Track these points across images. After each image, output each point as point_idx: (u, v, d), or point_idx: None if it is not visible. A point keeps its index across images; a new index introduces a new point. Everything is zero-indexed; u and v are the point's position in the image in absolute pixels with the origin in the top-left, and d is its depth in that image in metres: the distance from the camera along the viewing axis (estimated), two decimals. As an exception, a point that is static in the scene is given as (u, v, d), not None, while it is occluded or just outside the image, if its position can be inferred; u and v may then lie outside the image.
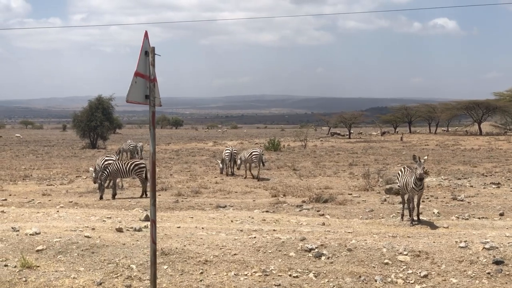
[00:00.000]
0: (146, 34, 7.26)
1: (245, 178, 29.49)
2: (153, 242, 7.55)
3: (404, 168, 15.98)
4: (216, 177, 29.99)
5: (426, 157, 15.39)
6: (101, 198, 22.09)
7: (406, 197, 15.57)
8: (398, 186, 15.95)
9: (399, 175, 15.86)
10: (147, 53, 7.28)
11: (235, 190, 24.07)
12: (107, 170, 22.97)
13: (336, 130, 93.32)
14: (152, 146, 7.50)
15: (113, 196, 22.36)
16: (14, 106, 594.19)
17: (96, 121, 60.29)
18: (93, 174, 27.07)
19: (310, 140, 63.71)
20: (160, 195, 22.91)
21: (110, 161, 26.48)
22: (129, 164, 23.47)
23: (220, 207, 18.99)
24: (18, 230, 12.29)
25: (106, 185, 23.83)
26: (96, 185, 23.77)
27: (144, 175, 23.14)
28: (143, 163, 23.79)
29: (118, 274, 9.89)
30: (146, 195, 22.64)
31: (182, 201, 20.83)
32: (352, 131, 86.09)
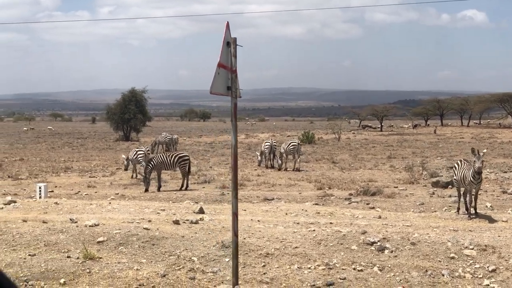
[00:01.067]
0: (227, 25, 7.18)
1: (285, 170, 29.42)
2: (235, 235, 7.49)
3: (460, 161, 15.72)
4: (255, 169, 29.95)
5: (485, 150, 15.15)
6: (146, 190, 22.16)
7: (462, 190, 15.34)
8: (455, 179, 15.69)
9: (455, 168, 15.61)
10: (229, 44, 7.20)
11: (278, 183, 24.01)
12: (152, 162, 23.02)
13: (367, 122, 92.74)
14: (233, 138, 7.44)
15: (159, 189, 22.43)
16: (42, 98, 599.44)
17: (129, 114, 60.43)
18: (125, 162, 27.36)
19: (342, 133, 63.36)
20: (204, 187, 22.97)
21: (141, 153, 26.72)
22: (173, 157, 23.48)
23: (268, 199, 18.93)
24: (77, 222, 12.33)
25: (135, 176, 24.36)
26: (128, 173, 23.94)
27: (187, 167, 23.17)
28: (187, 156, 23.82)
29: (181, 266, 9.84)
30: (187, 187, 22.67)
31: (228, 193, 20.80)
32: (382, 124, 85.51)
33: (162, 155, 24.19)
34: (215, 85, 6.97)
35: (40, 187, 18.69)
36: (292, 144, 29.85)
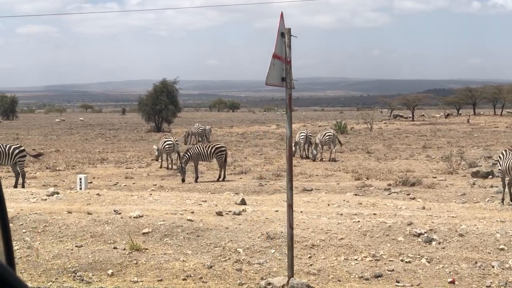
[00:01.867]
0: (281, 16, 7.12)
1: (320, 160, 29.33)
2: (290, 226, 7.45)
3: (505, 151, 15.51)
4: (290, 160, 29.90)
5: None
6: (183, 180, 22.24)
7: (507, 180, 15.13)
8: (499, 170, 15.49)
9: (500, 158, 15.41)
10: (283, 34, 7.14)
11: (315, 173, 23.94)
12: (188, 153, 23.10)
13: (397, 112, 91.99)
14: (288, 129, 7.39)
15: (196, 180, 22.49)
16: (72, 90, 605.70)
17: (161, 105, 60.58)
18: (156, 152, 27.55)
19: (374, 123, 62.93)
20: (241, 178, 22.99)
21: (169, 143, 26.90)
22: (210, 148, 23.52)
23: (307, 190, 18.89)
24: (121, 213, 12.38)
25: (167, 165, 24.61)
26: (158, 163, 24.05)
27: (224, 158, 23.19)
28: (224, 147, 23.85)
29: (226, 258, 9.84)
30: (224, 178, 22.69)
31: (265, 184, 20.80)
32: (414, 114, 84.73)
33: (199, 146, 24.25)
34: (271, 76, 6.92)
35: (80, 178, 18.85)
36: (327, 134, 29.79)
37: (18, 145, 21.62)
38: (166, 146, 27.39)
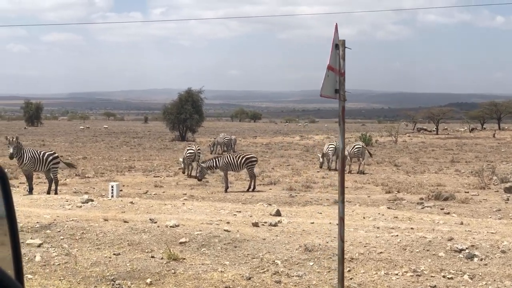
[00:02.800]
0: (336, 27, 7.06)
1: (349, 173, 29.17)
2: (341, 240, 7.36)
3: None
4: (318, 171, 29.79)
5: None
6: (198, 179, 22.49)
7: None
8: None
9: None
10: (338, 46, 7.07)
11: (345, 186, 23.78)
12: (214, 161, 23.30)
13: (422, 125, 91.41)
14: (341, 142, 7.31)
15: (226, 189, 22.45)
16: (96, 98, 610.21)
17: (185, 114, 60.69)
18: (182, 165, 27.67)
19: (398, 136, 62.54)
20: (271, 189, 22.93)
21: (191, 151, 27.13)
22: (240, 157, 23.47)
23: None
24: (157, 222, 12.36)
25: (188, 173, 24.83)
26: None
27: (254, 168, 23.13)
28: (255, 157, 23.80)
29: (265, 269, 9.75)
30: (254, 189, 22.61)
31: (296, 195, 20.70)
32: (438, 127, 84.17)
33: (228, 155, 24.24)
34: (325, 87, 6.85)
35: (112, 186, 18.89)
36: (356, 146, 29.71)
37: (52, 152, 21.72)
38: (188, 154, 28.14)
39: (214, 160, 23.61)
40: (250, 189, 22.61)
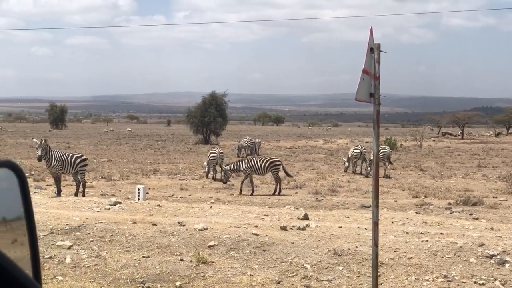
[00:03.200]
0: (371, 31, 7.01)
1: (374, 177, 29.07)
2: (375, 244, 7.30)
3: None
4: (343, 175, 29.70)
5: None
6: (223, 182, 22.95)
7: None
8: None
9: None
10: (373, 50, 7.03)
11: (371, 190, 23.63)
12: (237, 164, 23.40)
13: (447, 130, 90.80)
14: (375, 146, 7.27)
15: (252, 193, 22.47)
16: (119, 100, 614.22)
17: (209, 117, 60.74)
18: (206, 169, 27.79)
19: (423, 140, 62.15)
20: (296, 193, 22.89)
21: (214, 155, 27.23)
22: (264, 161, 23.48)
23: (365, 207, 18.66)
24: (185, 225, 12.37)
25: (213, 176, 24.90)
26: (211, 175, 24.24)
27: (279, 172, 23.11)
28: (279, 160, 23.79)
29: (294, 274, 9.70)
30: (279, 192, 22.58)
31: (322, 199, 20.64)
32: (463, 131, 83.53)
33: (252, 159, 24.27)
34: (360, 91, 6.80)
35: (139, 189, 18.96)
36: (382, 150, 29.57)
37: (80, 154, 21.86)
38: (211, 158, 28.43)
39: (238, 163, 23.76)
40: (276, 193, 22.58)
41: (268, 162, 23.38)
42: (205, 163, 29.13)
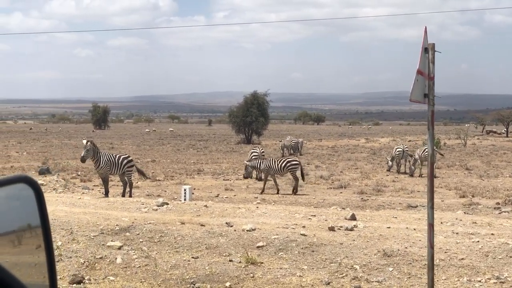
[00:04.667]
0: (425, 31, 6.93)
1: (420, 176, 28.83)
2: (431, 246, 7.22)
3: None
4: (387, 175, 29.48)
5: None
6: (244, 177, 23.86)
7: None
8: None
9: None
10: (427, 50, 6.95)
11: (417, 189, 23.49)
12: (258, 164, 23.60)
13: (491, 128, 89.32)
14: (430, 147, 7.20)
15: (277, 191, 22.73)
16: (159, 101, 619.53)
17: (251, 117, 60.84)
18: (248, 169, 27.94)
19: (467, 138, 61.38)
20: (341, 192, 22.80)
21: (255, 153, 27.28)
22: (281, 161, 23.68)
23: (412, 206, 18.50)
24: (233, 226, 12.41)
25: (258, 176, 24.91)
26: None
27: (296, 172, 23.25)
28: (297, 160, 23.92)
29: (343, 274, 9.65)
30: (295, 192, 22.64)
31: (368, 199, 20.51)
32: (508, 129, 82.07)
33: (272, 159, 24.48)
34: (414, 92, 6.74)
35: (185, 190, 19.08)
36: (427, 150, 29.29)
37: (127, 155, 22.09)
38: (253, 157, 28.63)
39: (258, 161, 24.02)
40: (295, 191, 22.81)
41: (285, 162, 23.60)
42: (247, 162, 29.23)
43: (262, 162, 23.92)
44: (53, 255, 2.22)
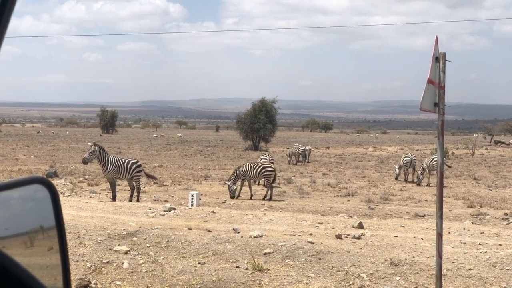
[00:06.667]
0: (436, 40, 6.93)
1: (427, 186, 28.75)
2: (439, 256, 7.20)
3: None
4: (395, 183, 29.42)
5: None
6: (231, 197, 23.24)
7: None
8: None
9: None
10: (438, 59, 6.94)
11: (424, 199, 23.45)
12: (235, 172, 23.67)
13: (499, 138, 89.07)
14: (440, 156, 7.18)
15: (270, 198, 22.86)
16: (168, 106, 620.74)
17: (259, 123, 60.65)
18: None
19: (475, 148, 61.15)
20: (349, 200, 22.76)
21: (264, 160, 27.38)
22: (257, 167, 23.85)
23: (419, 216, 18.46)
24: (240, 232, 12.40)
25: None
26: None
27: (271, 179, 23.34)
28: (272, 167, 24.07)
29: (350, 283, 9.61)
30: (270, 198, 22.70)
31: (375, 207, 20.47)
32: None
33: (248, 165, 24.69)
34: (425, 101, 6.73)
35: (192, 195, 19.10)
36: (435, 159, 29.26)
37: (135, 160, 22.11)
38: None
39: (238, 168, 24.28)
40: (267, 198, 23.07)
41: (260, 168, 23.84)
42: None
43: (240, 168, 24.08)
44: (68, 257, 2.23)
